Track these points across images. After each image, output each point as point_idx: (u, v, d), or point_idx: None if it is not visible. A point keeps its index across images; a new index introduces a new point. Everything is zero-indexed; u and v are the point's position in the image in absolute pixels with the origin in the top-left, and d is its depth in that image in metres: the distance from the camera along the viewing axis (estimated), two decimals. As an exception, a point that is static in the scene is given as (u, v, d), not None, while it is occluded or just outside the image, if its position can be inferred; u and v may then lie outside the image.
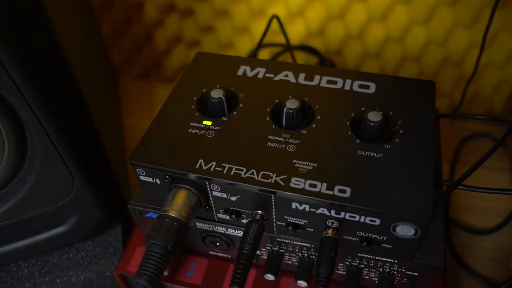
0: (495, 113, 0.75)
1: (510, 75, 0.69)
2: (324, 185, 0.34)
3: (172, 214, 0.35)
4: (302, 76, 0.44)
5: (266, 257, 0.43)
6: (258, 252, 0.43)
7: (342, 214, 0.34)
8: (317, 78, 0.43)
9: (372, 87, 0.42)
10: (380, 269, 0.39)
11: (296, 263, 0.42)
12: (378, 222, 0.33)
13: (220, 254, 0.46)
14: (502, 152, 0.65)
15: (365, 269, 0.40)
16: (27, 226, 0.48)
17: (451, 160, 0.64)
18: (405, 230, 0.33)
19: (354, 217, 0.34)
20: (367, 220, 0.34)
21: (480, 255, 0.56)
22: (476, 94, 0.75)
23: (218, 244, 0.44)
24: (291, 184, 0.34)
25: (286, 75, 0.44)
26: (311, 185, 0.34)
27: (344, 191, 0.33)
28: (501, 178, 0.62)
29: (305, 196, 0.34)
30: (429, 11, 0.66)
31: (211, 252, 0.46)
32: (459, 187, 0.40)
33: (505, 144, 0.65)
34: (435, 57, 0.71)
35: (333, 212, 0.34)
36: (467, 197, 0.61)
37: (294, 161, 0.36)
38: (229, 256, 0.46)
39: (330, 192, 0.33)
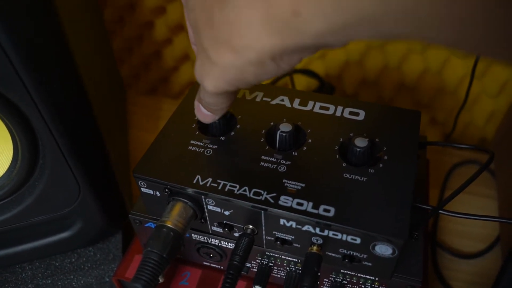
0: (488, 142, 0.78)
1: (502, 105, 0.72)
2: (310, 204, 0.37)
3: (169, 224, 0.38)
4: (297, 101, 0.47)
5: (256, 270, 0.45)
6: (248, 265, 0.45)
7: (326, 232, 0.36)
8: (310, 103, 0.46)
9: (362, 115, 0.45)
10: (362, 286, 0.42)
11: (284, 277, 0.44)
12: (358, 240, 0.36)
13: (213, 265, 0.48)
14: (490, 180, 0.67)
15: (348, 285, 0.42)
16: (34, 230, 0.50)
17: (440, 185, 0.67)
18: (383, 249, 0.36)
19: (337, 235, 0.36)
20: (349, 238, 0.36)
21: (464, 279, 0.58)
22: (469, 123, 0.77)
23: (211, 255, 0.46)
24: (280, 202, 0.37)
25: (282, 100, 0.47)
26: (298, 204, 0.37)
27: (328, 211, 0.36)
28: (488, 204, 0.64)
29: (292, 214, 0.36)
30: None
31: (205, 263, 0.49)
32: (440, 211, 0.42)
33: (492, 172, 0.67)
34: (431, 85, 0.74)
35: (317, 229, 0.37)
36: (455, 222, 0.63)
37: (284, 180, 0.39)
38: (222, 267, 0.48)
39: (315, 211, 0.36)
